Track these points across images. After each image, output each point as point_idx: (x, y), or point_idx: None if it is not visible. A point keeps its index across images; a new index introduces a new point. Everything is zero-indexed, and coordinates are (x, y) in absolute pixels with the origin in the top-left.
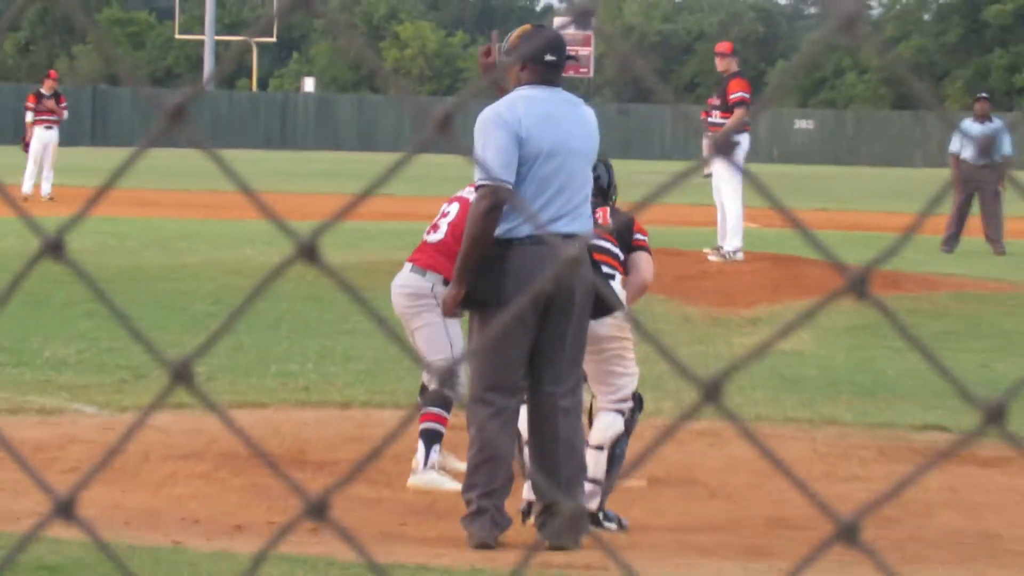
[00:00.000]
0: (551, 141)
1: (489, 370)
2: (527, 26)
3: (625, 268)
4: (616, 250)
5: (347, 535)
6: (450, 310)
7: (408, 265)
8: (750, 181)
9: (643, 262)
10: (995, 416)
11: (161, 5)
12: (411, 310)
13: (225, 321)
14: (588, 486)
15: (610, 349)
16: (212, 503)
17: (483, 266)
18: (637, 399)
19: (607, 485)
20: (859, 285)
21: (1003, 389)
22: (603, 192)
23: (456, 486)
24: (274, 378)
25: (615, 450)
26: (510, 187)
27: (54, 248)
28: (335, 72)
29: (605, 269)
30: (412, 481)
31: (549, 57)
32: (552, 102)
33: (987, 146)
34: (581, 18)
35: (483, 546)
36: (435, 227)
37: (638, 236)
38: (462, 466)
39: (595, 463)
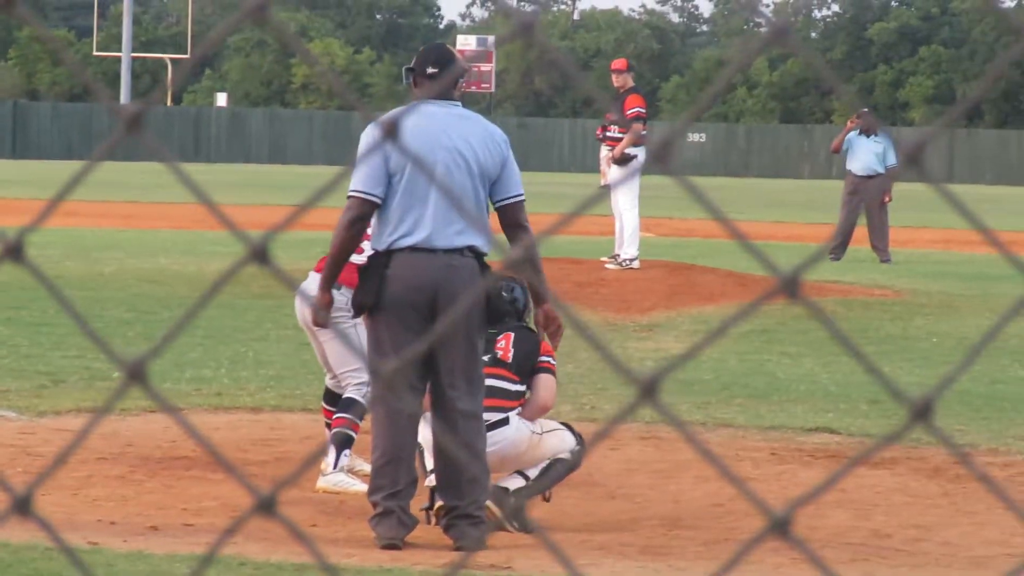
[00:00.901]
0: (425, 153)
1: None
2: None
3: (528, 388)
4: (508, 386)
5: (297, 530)
6: (316, 316)
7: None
8: (695, 195)
9: (543, 384)
10: (922, 413)
11: (80, 24)
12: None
13: (179, 324)
14: (516, 477)
15: (530, 452)
16: (128, 505)
17: (366, 272)
18: (578, 438)
19: (532, 488)
20: (791, 286)
21: (891, 391)
22: (519, 313)
23: (363, 487)
24: (188, 383)
25: (553, 463)
26: (376, 200)
27: (14, 252)
28: (247, 88)
29: (491, 416)
30: (321, 483)
31: (431, 70)
32: (438, 116)
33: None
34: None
35: (391, 546)
36: None
37: (543, 358)
38: (369, 468)
39: (536, 466)
